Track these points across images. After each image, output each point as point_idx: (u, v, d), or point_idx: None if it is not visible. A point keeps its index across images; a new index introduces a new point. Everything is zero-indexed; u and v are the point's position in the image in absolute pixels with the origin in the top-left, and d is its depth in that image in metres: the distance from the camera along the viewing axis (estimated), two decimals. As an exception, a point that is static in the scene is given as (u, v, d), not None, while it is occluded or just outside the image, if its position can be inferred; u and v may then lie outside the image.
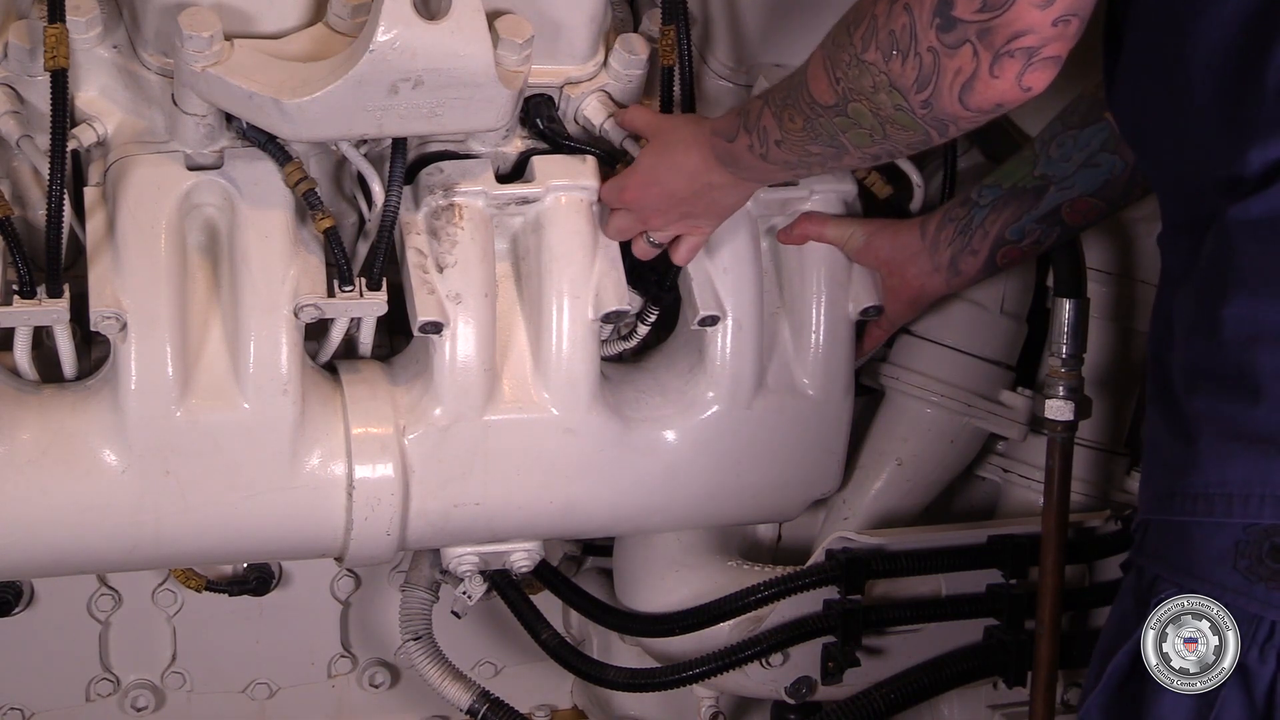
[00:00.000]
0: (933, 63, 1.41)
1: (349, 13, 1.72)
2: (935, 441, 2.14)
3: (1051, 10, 1.35)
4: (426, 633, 2.18)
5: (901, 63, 1.44)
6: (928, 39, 1.41)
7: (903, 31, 1.42)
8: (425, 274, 1.84)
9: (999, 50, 1.37)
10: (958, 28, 1.38)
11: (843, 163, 1.64)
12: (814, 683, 2.10)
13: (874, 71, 1.47)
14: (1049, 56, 1.38)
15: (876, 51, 1.46)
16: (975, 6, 1.37)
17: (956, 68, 1.40)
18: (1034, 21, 1.36)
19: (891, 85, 1.46)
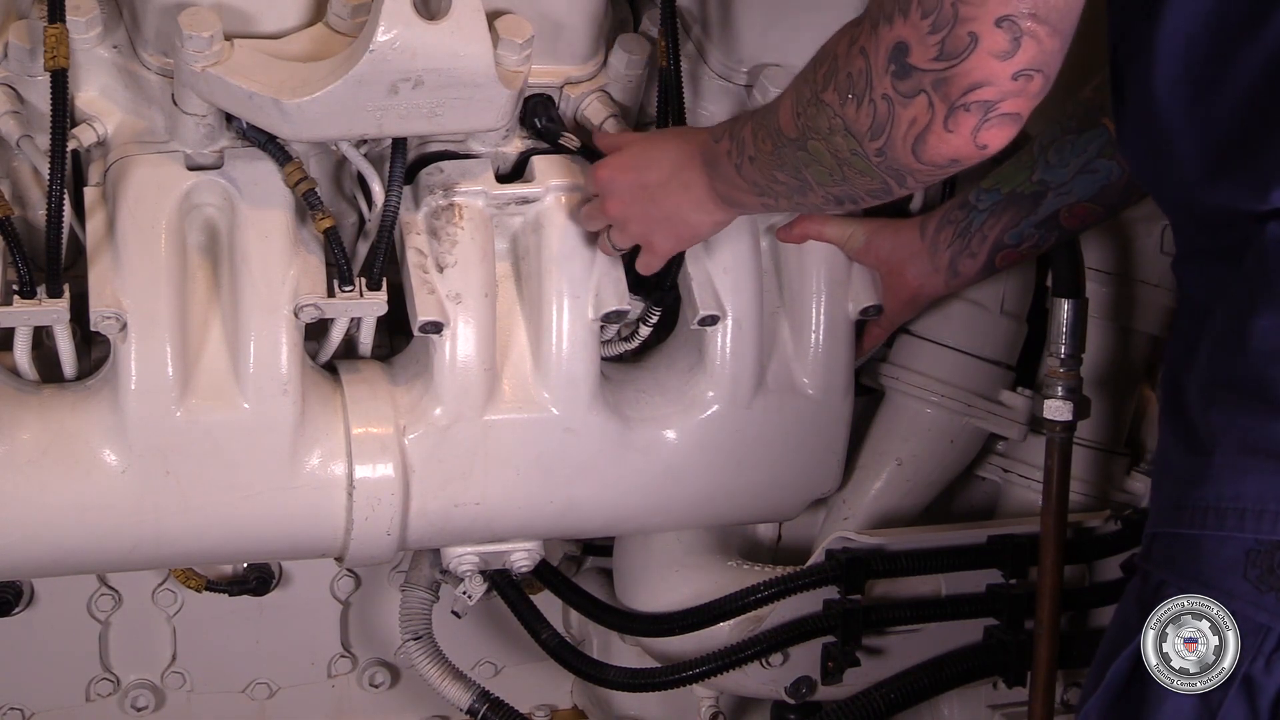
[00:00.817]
0: (887, 111, 1.38)
1: (349, 13, 1.72)
2: (935, 441, 2.14)
3: (1013, 63, 1.31)
4: (426, 632, 2.17)
5: (856, 108, 1.40)
6: (883, 86, 1.37)
7: (859, 75, 1.39)
8: (425, 274, 1.84)
9: (955, 102, 1.33)
10: (913, 76, 1.34)
11: (808, 199, 1.58)
12: (814, 683, 2.10)
13: (830, 113, 1.44)
14: (1007, 113, 1.34)
15: (834, 93, 1.43)
16: (932, 54, 1.33)
17: (911, 118, 1.36)
18: (993, 73, 1.32)
19: (846, 130, 1.43)
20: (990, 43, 1.30)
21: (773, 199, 1.64)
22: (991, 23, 1.30)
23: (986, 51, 1.31)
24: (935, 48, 1.32)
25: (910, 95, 1.35)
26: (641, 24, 1.95)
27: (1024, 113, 1.34)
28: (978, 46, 1.31)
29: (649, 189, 1.76)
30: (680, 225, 1.76)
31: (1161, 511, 1.38)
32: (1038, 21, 1.30)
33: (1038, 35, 1.31)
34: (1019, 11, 1.29)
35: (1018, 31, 1.30)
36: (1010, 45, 1.30)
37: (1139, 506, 2.16)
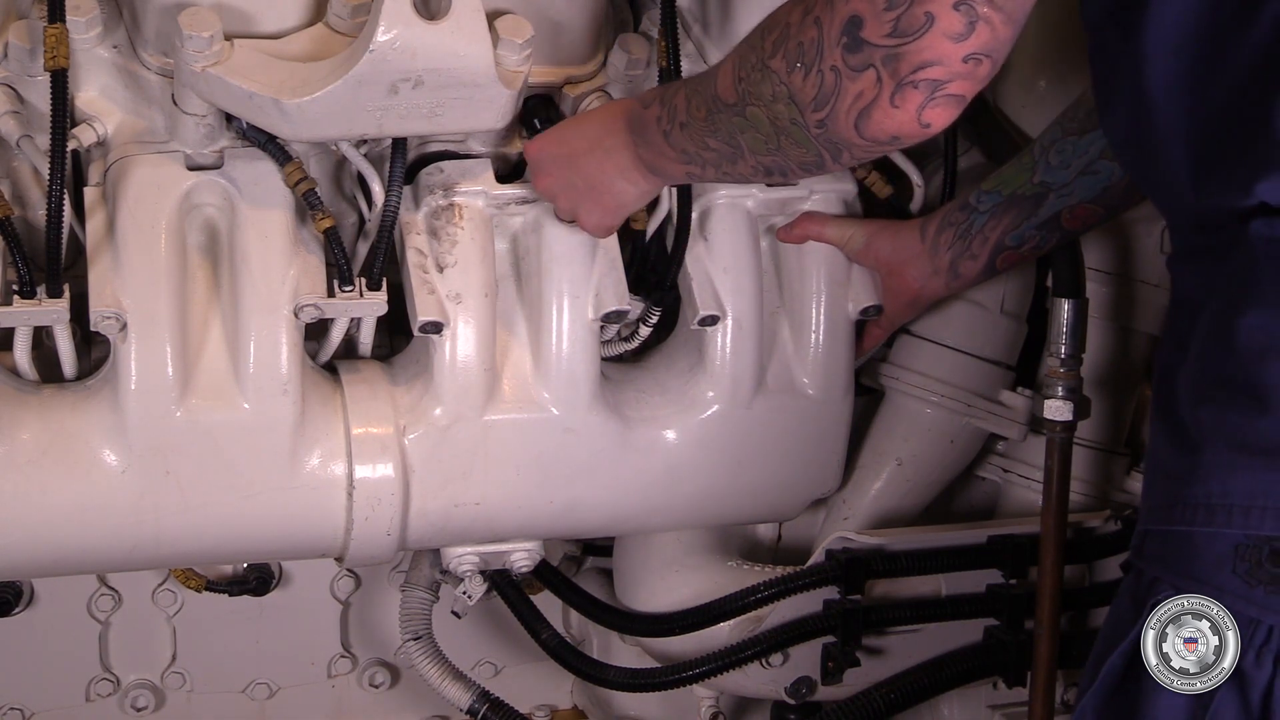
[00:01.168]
0: (834, 83, 1.38)
1: (349, 13, 1.72)
2: (935, 441, 2.14)
3: (965, 45, 1.32)
4: (426, 633, 2.17)
5: (803, 77, 1.40)
6: (832, 57, 1.37)
7: (810, 45, 1.39)
8: (425, 274, 1.84)
9: (903, 79, 1.34)
10: (864, 49, 1.35)
11: (736, 169, 1.58)
12: (814, 683, 2.10)
13: (775, 80, 1.44)
14: (953, 94, 1.35)
15: (782, 60, 1.42)
16: (886, 30, 1.33)
17: (857, 91, 1.37)
18: (945, 53, 1.33)
19: (790, 98, 1.43)
20: (945, 24, 1.31)
21: (699, 168, 1.63)
22: (949, 5, 1.31)
23: (941, 32, 1.32)
24: (890, 24, 1.33)
25: (859, 69, 1.36)
26: (641, 24, 1.95)
27: (968, 95, 1.35)
28: (932, 26, 1.32)
29: (573, 159, 1.75)
30: (604, 194, 1.75)
31: (1153, 509, 1.39)
32: (994, 8, 1.31)
33: (992, 21, 1.32)
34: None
35: (974, 16, 1.31)
36: (965, 28, 1.32)
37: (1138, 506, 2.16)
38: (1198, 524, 1.32)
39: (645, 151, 1.68)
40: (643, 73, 1.91)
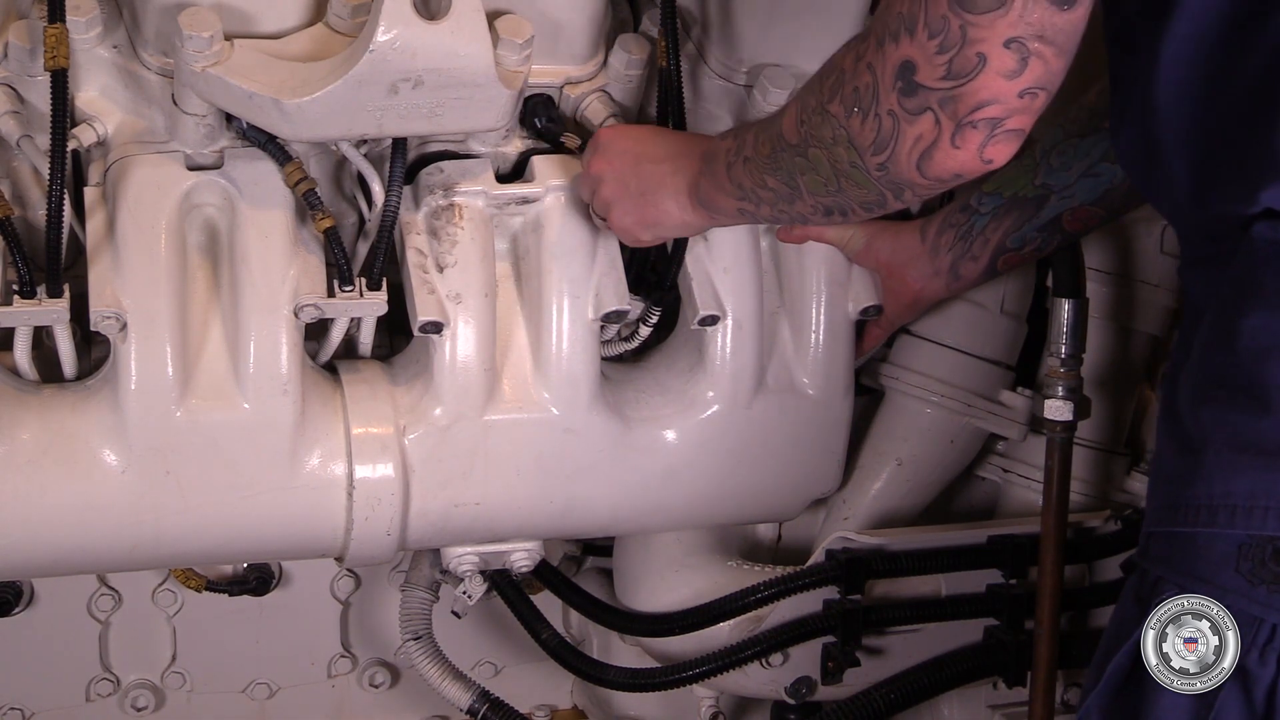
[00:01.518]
0: (892, 127, 1.39)
1: (349, 13, 1.72)
2: (935, 441, 2.14)
3: (1019, 81, 1.32)
4: (427, 633, 2.17)
5: (861, 121, 1.41)
6: (889, 101, 1.38)
7: (865, 90, 1.40)
8: (425, 274, 1.84)
9: (962, 120, 1.35)
10: (920, 93, 1.35)
11: (794, 208, 1.59)
12: (814, 683, 2.10)
13: (834, 124, 1.44)
14: (1013, 129, 1.35)
15: (839, 105, 1.43)
16: (939, 73, 1.34)
17: (917, 134, 1.37)
18: (1000, 91, 1.33)
19: (850, 142, 1.44)
20: (998, 63, 1.32)
21: (754, 205, 1.64)
22: (1000, 44, 1.31)
23: (995, 71, 1.32)
24: (943, 67, 1.33)
25: (917, 112, 1.36)
26: (641, 24, 1.95)
27: (1028, 128, 1.36)
28: (986, 66, 1.32)
29: (641, 159, 1.76)
30: (649, 206, 1.76)
31: (1157, 510, 1.39)
32: (1044, 42, 1.31)
33: (1044, 55, 1.32)
34: (1027, 33, 1.31)
35: (1025, 52, 1.31)
36: (1018, 65, 1.32)
37: (1139, 506, 2.16)
38: (1200, 525, 1.32)
39: (706, 182, 1.69)
40: (643, 73, 1.91)
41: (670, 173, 1.74)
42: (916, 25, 1.33)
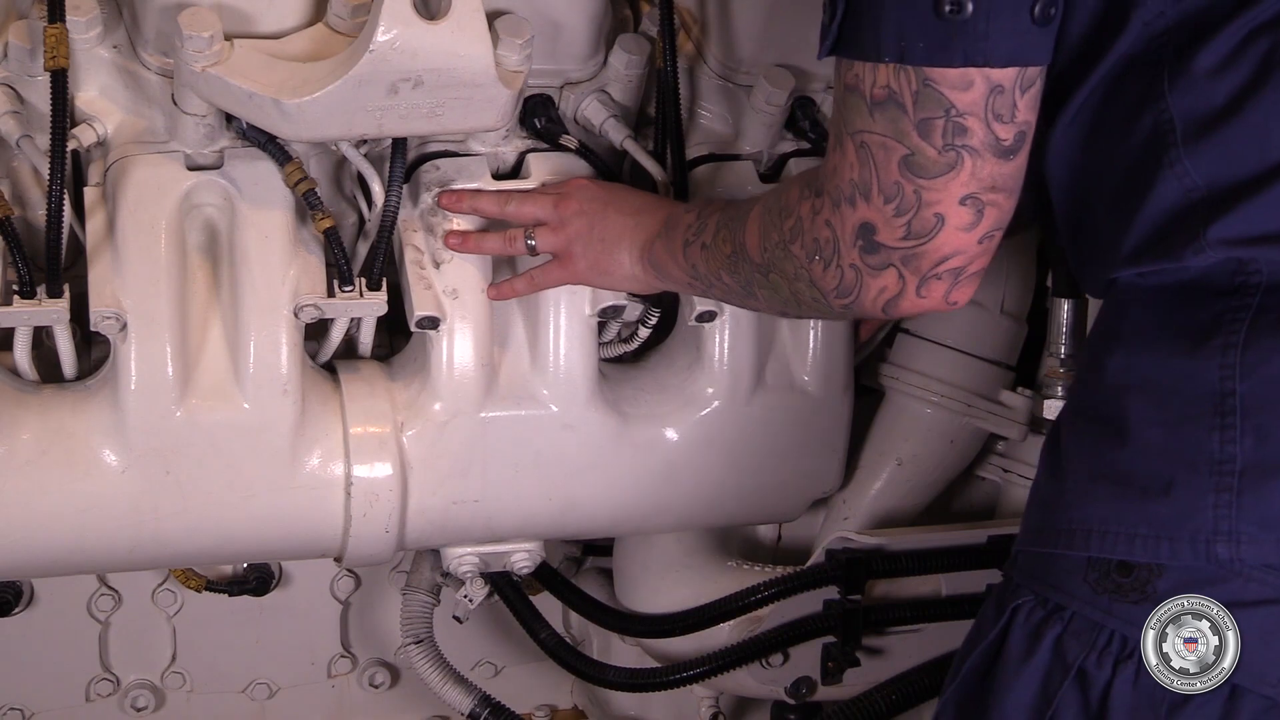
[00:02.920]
0: (855, 278, 1.43)
1: (349, 13, 1.72)
2: (935, 441, 2.14)
3: (977, 231, 1.38)
4: (428, 636, 2.18)
5: (824, 269, 1.45)
6: (850, 257, 1.42)
7: (826, 243, 1.44)
8: (422, 270, 1.84)
9: (926, 274, 1.40)
10: (881, 251, 1.40)
11: (746, 305, 1.66)
12: (814, 683, 2.10)
13: (796, 264, 1.49)
14: (975, 272, 1.41)
15: (801, 250, 1.48)
16: (900, 234, 1.38)
17: (881, 286, 1.42)
18: (961, 244, 1.38)
19: (812, 283, 1.48)
20: (956, 220, 1.37)
21: (704, 287, 1.69)
22: (955, 202, 1.36)
23: (953, 227, 1.37)
24: (902, 228, 1.38)
25: (880, 268, 1.41)
26: (641, 24, 1.95)
27: (987, 266, 1.42)
28: (945, 225, 1.37)
29: (607, 209, 1.79)
30: (606, 255, 1.79)
31: (1026, 531, 1.46)
32: (996, 191, 1.37)
33: (998, 202, 1.37)
34: (979, 188, 1.36)
35: (980, 204, 1.37)
36: (975, 217, 1.37)
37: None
38: (1059, 547, 1.39)
39: (661, 246, 1.72)
40: (643, 73, 1.91)
41: (632, 227, 1.77)
42: (871, 191, 1.38)
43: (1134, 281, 1.39)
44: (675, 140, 1.89)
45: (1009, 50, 1.32)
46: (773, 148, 1.97)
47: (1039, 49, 1.34)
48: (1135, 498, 1.35)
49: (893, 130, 1.35)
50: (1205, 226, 1.33)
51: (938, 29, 1.31)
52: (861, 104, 1.37)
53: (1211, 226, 1.33)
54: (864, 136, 1.37)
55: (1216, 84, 1.33)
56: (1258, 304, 1.33)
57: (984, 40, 1.31)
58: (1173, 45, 1.35)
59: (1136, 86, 1.37)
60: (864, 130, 1.37)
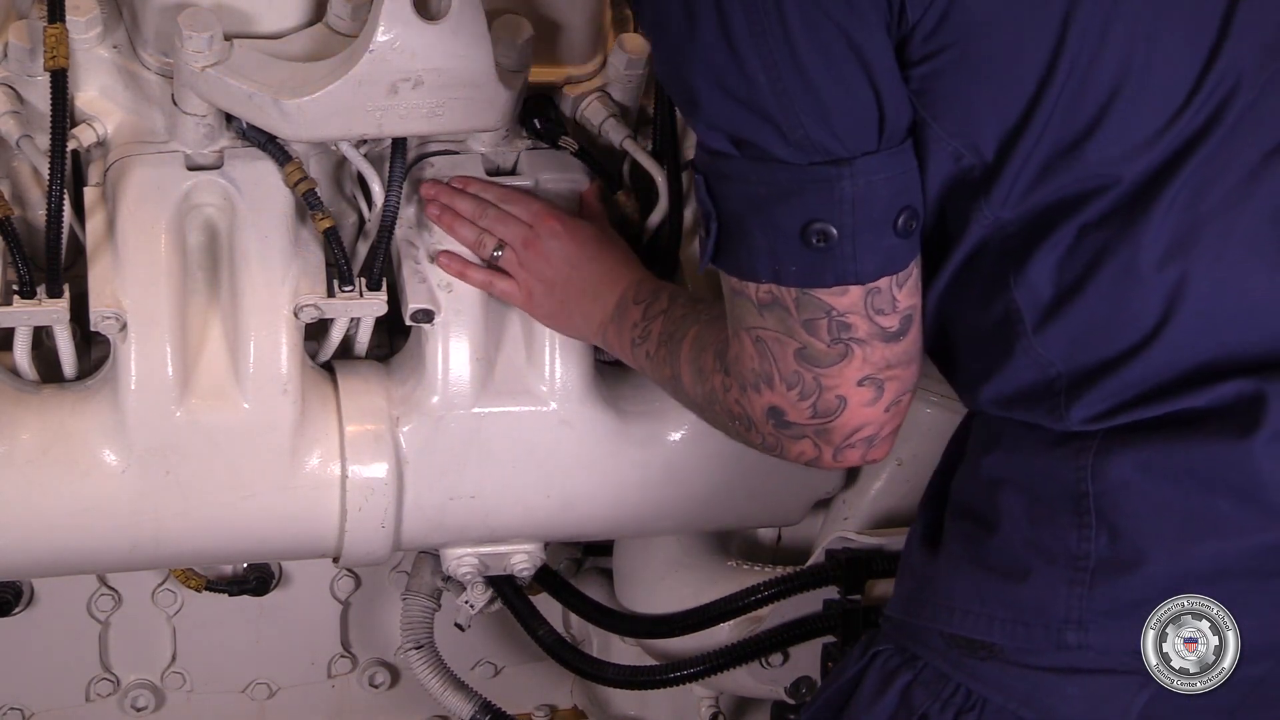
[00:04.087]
0: (775, 443, 1.50)
1: (349, 13, 1.72)
2: (935, 441, 2.12)
3: (881, 403, 1.44)
4: (428, 641, 2.17)
5: (746, 430, 1.52)
6: (766, 429, 1.49)
7: (741, 418, 1.51)
8: (416, 264, 1.84)
9: (839, 445, 1.46)
10: (793, 427, 1.46)
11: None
12: (814, 683, 2.10)
13: (724, 420, 1.55)
14: (889, 434, 1.47)
15: (723, 412, 1.54)
16: (807, 414, 1.44)
17: (799, 450, 1.49)
18: (868, 417, 1.44)
19: (740, 435, 1.54)
20: (858, 398, 1.43)
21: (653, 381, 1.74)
22: (854, 384, 1.43)
23: (857, 405, 1.44)
24: (808, 409, 1.44)
25: (796, 438, 1.48)
26: (641, 24, 1.95)
27: (900, 423, 1.48)
28: (848, 405, 1.44)
29: (574, 272, 1.80)
30: (563, 315, 1.82)
31: (899, 597, 1.55)
32: (892, 368, 1.43)
33: (897, 376, 1.44)
34: (874, 370, 1.42)
35: (879, 381, 1.43)
36: (875, 393, 1.44)
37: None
38: (923, 620, 1.48)
39: (613, 331, 1.76)
40: (642, 73, 1.91)
41: (591, 298, 1.79)
42: (774, 380, 1.44)
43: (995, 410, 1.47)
44: (671, 141, 1.89)
45: (877, 265, 1.39)
46: (772, 148, 1.96)
47: (907, 254, 1.42)
48: (998, 582, 1.43)
49: (782, 328, 1.42)
50: (1067, 408, 1.40)
51: (808, 256, 1.38)
52: (750, 305, 1.43)
53: (1074, 408, 1.40)
54: (758, 332, 1.44)
55: (1056, 277, 1.39)
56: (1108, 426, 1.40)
57: (852, 262, 1.38)
58: (1015, 242, 1.41)
59: (986, 276, 1.43)
60: (757, 327, 1.44)
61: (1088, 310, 1.39)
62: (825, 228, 1.37)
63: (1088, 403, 1.39)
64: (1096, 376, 1.39)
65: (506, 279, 1.84)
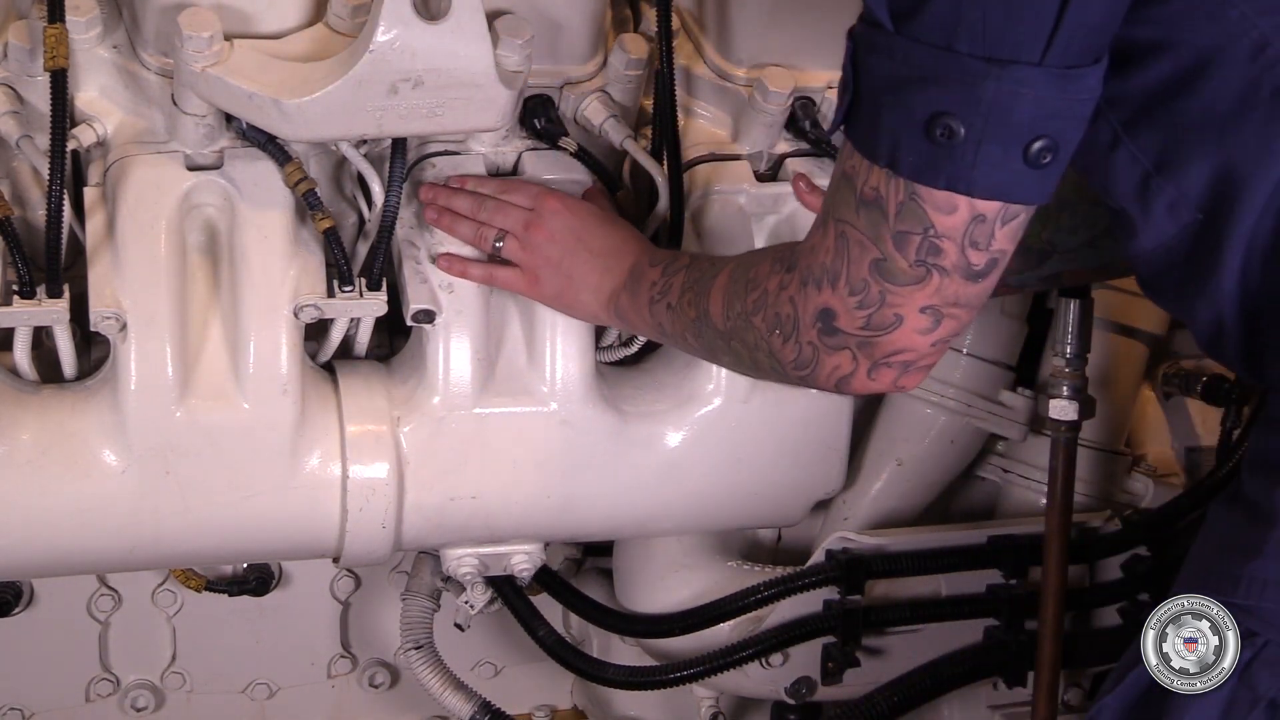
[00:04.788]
0: (812, 354, 1.46)
1: (349, 13, 1.72)
2: (935, 442, 2.14)
3: (932, 336, 1.41)
4: (428, 642, 2.17)
5: (783, 342, 1.49)
6: (809, 335, 1.45)
7: (787, 319, 1.47)
8: (418, 264, 1.84)
9: (878, 361, 1.43)
10: (839, 335, 1.43)
11: (713, 362, 1.73)
12: (814, 683, 2.10)
13: (758, 335, 1.52)
14: (925, 366, 1.45)
15: (763, 322, 1.50)
16: (859, 324, 1.41)
17: (835, 364, 1.45)
18: (915, 343, 1.42)
19: (771, 354, 1.51)
20: (914, 323, 1.40)
21: (670, 342, 1.73)
22: (916, 310, 1.39)
23: (910, 329, 1.40)
24: (862, 319, 1.41)
25: (836, 349, 1.44)
26: (641, 24, 1.95)
27: (936, 362, 1.46)
28: (903, 325, 1.40)
29: (580, 245, 1.79)
30: (570, 292, 1.81)
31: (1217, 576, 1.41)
32: (957, 307, 1.40)
33: (957, 316, 1.40)
34: (941, 302, 1.39)
35: (939, 315, 1.40)
36: (932, 324, 1.40)
37: (1139, 507, 2.16)
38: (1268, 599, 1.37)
39: (626, 299, 1.74)
40: (642, 73, 1.91)
41: (600, 270, 1.78)
42: (839, 280, 1.41)
43: None
44: (671, 141, 1.89)
45: (994, 184, 1.33)
46: (772, 148, 1.96)
47: (1028, 189, 1.34)
48: None
49: (872, 233, 1.37)
50: None
51: (928, 149, 1.32)
52: (851, 196, 1.39)
53: None
54: (846, 228, 1.39)
55: None
56: None
57: (970, 169, 1.32)
58: None
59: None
60: (847, 221, 1.39)
61: None
62: (953, 123, 1.30)
63: None
64: None
65: (507, 268, 1.83)
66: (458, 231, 1.84)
